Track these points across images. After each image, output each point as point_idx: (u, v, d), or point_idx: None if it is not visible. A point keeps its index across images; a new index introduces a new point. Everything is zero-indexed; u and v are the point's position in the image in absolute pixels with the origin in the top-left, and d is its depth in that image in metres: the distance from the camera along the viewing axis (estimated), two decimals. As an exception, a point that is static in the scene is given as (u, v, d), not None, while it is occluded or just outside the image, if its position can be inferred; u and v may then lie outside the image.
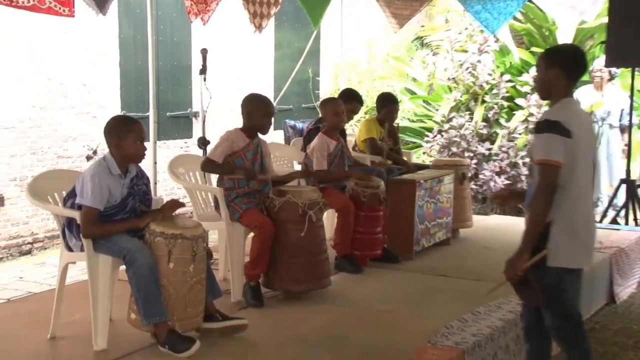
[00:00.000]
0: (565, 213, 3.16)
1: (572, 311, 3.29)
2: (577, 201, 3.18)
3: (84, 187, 3.62)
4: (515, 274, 3.16)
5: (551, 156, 3.11)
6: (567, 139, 3.10)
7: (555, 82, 3.25)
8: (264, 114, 4.54)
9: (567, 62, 3.26)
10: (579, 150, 3.14)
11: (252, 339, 3.84)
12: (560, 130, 3.10)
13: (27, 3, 4.57)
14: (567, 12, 6.73)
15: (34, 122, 7.43)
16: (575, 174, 3.15)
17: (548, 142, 3.13)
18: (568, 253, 3.19)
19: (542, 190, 3.13)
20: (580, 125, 3.19)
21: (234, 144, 4.49)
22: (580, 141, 3.14)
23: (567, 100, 3.26)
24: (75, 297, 4.14)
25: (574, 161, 3.13)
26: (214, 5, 6.03)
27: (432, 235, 5.69)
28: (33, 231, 7.49)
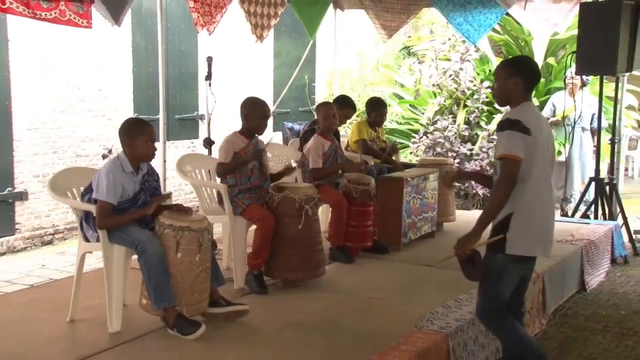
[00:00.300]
0: (523, 205, 3.19)
1: (500, 297, 3.30)
2: (534, 194, 3.20)
3: (99, 183, 3.60)
4: (464, 252, 3.25)
5: (512, 151, 3.12)
6: (526, 136, 3.13)
7: (515, 89, 3.28)
8: (260, 116, 4.52)
9: (527, 71, 3.31)
10: (537, 147, 3.16)
11: (253, 324, 3.83)
12: (520, 128, 3.13)
13: (49, 16, 4.55)
14: (542, 24, 6.73)
15: (55, 124, 7.40)
16: (533, 168, 3.17)
17: (509, 139, 3.14)
18: (524, 242, 3.22)
19: (503, 182, 3.16)
20: (539, 126, 3.22)
21: (235, 146, 4.47)
22: (538, 139, 3.17)
23: (526, 104, 3.30)
24: (92, 283, 4.12)
25: (532, 157, 3.15)
26: (218, 17, 6.00)
27: (418, 228, 5.67)
28: (54, 223, 7.46)
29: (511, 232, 3.21)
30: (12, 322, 3.86)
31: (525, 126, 3.14)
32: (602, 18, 6.11)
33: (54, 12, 4.55)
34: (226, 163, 4.45)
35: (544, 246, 3.32)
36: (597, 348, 4.38)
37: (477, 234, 3.23)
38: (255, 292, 4.32)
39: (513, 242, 3.22)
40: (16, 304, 4.23)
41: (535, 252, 3.30)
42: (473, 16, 7.04)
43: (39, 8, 4.45)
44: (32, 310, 4.05)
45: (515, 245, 3.22)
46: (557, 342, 4.49)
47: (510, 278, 3.30)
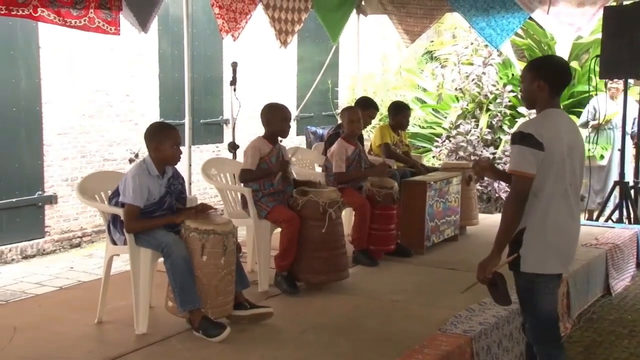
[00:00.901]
0: (536, 220, 3.02)
1: (543, 314, 3.11)
2: (548, 209, 3.01)
3: (126, 187, 3.63)
4: (485, 276, 3.07)
5: (521, 167, 2.96)
6: (538, 151, 2.94)
7: (539, 93, 3.09)
8: (282, 119, 4.53)
9: (551, 74, 3.11)
10: (552, 161, 2.97)
11: (277, 326, 3.82)
12: (531, 142, 2.94)
13: (79, 23, 4.60)
14: (565, 28, 6.63)
15: (83, 128, 7.48)
16: (546, 183, 2.99)
17: (519, 154, 2.98)
18: (538, 259, 3.03)
19: (512, 199, 3.00)
20: (557, 137, 3.00)
21: (260, 151, 4.48)
22: (554, 153, 2.97)
23: (549, 112, 3.09)
24: (119, 286, 4.15)
25: (546, 172, 2.97)
26: (243, 23, 6.02)
27: (441, 231, 5.63)
28: (82, 226, 7.53)
29: (524, 249, 3.05)
30: (42, 322, 3.90)
31: (538, 140, 2.94)
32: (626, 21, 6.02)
33: (83, 20, 4.61)
34: (252, 171, 4.44)
35: (561, 262, 3.09)
36: (623, 353, 4.30)
37: (495, 256, 3.05)
38: (287, 292, 4.30)
39: (526, 259, 3.05)
40: (46, 305, 4.28)
41: (550, 268, 3.07)
42: (496, 20, 6.98)
43: (69, 16, 4.51)
44: (61, 312, 4.10)
45: (529, 263, 3.05)
46: (582, 346, 4.41)
47: (544, 293, 3.09)
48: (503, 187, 8.10)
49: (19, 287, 5.86)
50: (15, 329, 3.74)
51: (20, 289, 5.77)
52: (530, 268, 3.05)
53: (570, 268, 3.23)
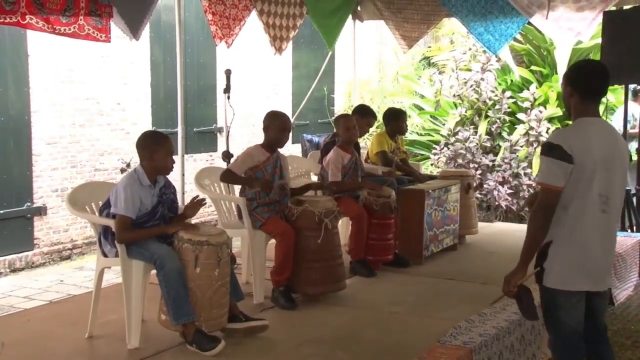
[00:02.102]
0: (562, 233, 2.98)
1: (565, 329, 3.06)
2: (577, 223, 2.96)
3: (117, 198, 3.63)
4: (509, 289, 3.04)
5: (548, 180, 2.93)
6: (567, 164, 2.89)
7: (571, 100, 3.05)
8: (279, 128, 4.53)
9: (579, 81, 3.02)
10: (583, 173, 2.90)
11: (273, 339, 3.82)
12: (560, 155, 2.89)
13: (68, 30, 4.61)
14: (564, 33, 6.66)
15: (73, 138, 7.48)
16: (576, 196, 2.94)
17: (547, 166, 2.95)
18: (561, 274, 2.99)
19: (539, 212, 2.96)
20: (589, 149, 2.91)
21: (254, 159, 4.48)
22: (585, 165, 2.89)
23: (582, 121, 3.01)
24: (111, 299, 4.14)
25: (575, 184, 2.91)
26: (237, 29, 6.04)
27: (440, 241, 5.63)
28: (72, 238, 7.52)
29: (548, 262, 3.00)
30: (31, 338, 3.89)
31: (567, 153, 2.87)
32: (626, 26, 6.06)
33: (73, 27, 4.61)
34: (234, 174, 4.45)
35: (588, 279, 3.01)
36: (627, 364, 4.31)
37: (521, 269, 3.00)
38: (285, 307, 4.29)
39: (549, 274, 3.01)
40: (35, 319, 4.26)
41: (575, 285, 2.99)
42: (494, 26, 7.01)
43: (58, 23, 4.51)
44: (51, 326, 4.08)
45: (551, 278, 3.00)
46: (584, 358, 4.41)
47: (566, 308, 3.02)
48: (503, 195, 8.12)
49: (7, 301, 5.84)
50: (3, 344, 3.71)
51: (9, 303, 5.75)
52: (552, 283, 3.01)
53: (603, 284, 3.09)
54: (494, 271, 5.16)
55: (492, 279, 4.94)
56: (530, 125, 8.36)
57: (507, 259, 5.52)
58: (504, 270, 3.09)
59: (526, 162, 8.29)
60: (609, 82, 3.09)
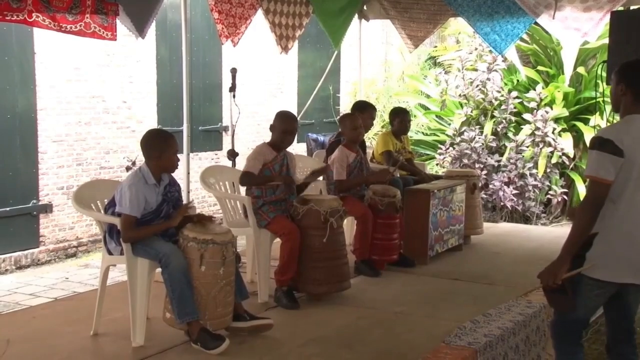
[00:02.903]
0: (610, 226, 3.01)
1: (572, 317, 3.13)
2: (626, 216, 3.00)
3: (122, 197, 3.63)
4: (555, 282, 3.01)
5: (599, 174, 2.96)
6: (618, 158, 2.93)
7: (622, 98, 3.08)
8: (284, 130, 4.54)
9: (633, 79, 3.07)
10: (632, 169, 2.95)
11: (278, 338, 3.82)
12: (610, 148, 2.93)
13: (74, 28, 4.62)
14: (571, 33, 6.64)
15: (79, 136, 7.50)
16: (626, 190, 2.97)
17: (597, 160, 2.97)
18: (603, 266, 3.01)
19: (588, 204, 3.00)
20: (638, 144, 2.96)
21: (264, 157, 4.48)
22: (634, 160, 2.94)
23: (632, 117, 3.05)
24: (116, 297, 4.15)
25: (626, 178, 2.96)
26: (243, 28, 6.04)
27: (445, 241, 5.62)
28: (78, 236, 7.54)
29: (592, 252, 3.02)
30: (36, 335, 3.90)
31: (618, 147, 2.92)
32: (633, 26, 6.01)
33: (79, 25, 4.62)
34: (253, 174, 4.45)
35: (633, 272, 3.03)
36: (632, 366, 4.28)
37: (565, 261, 3.01)
38: (287, 307, 4.29)
39: (592, 262, 3.02)
40: (40, 317, 4.27)
41: (617, 277, 3.03)
42: (500, 26, 6.99)
43: (65, 21, 4.53)
44: (56, 324, 4.09)
45: (593, 268, 3.02)
46: (590, 358, 4.40)
47: (585, 296, 3.07)
48: (508, 195, 8.10)
49: (12, 298, 5.86)
50: (8, 341, 3.74)
51: (14, 300, 5.77)
52: (595, 274, 3.03)
53: None
54: (500, 272, 5.18)
55: (497, 280, 4.94)
56: (536, 126, 8.33)
57: (513, 260, 5.56)
58: (509, 271, 3.09)
59: (532, 162, 8.27)
60: None
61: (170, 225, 3.70)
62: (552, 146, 8.28)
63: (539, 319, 4.20)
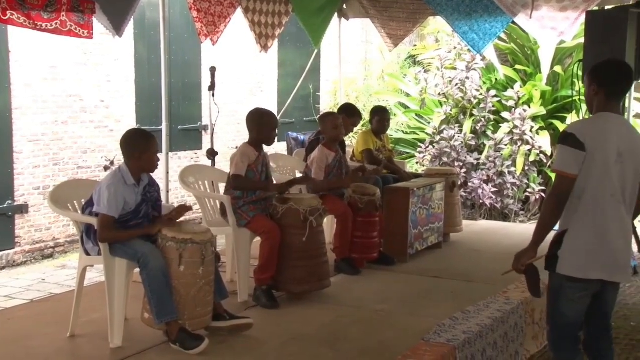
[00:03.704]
0: (577, 222, 3.05)
1: (562, 320, 3.16)
2: (591, 213, 3.03)
3: (100, 197, 3.60)
4: (518, 267, 3.18)
5: (561, 167, 3.04)
6: (579, 151, 2.97)
7: (595, 98, 3.13)
8: (270, 127, 4.53)
9: (604, 79, 3.12)
10: (595, 163, 2.98)
11: (258, 337, 3.81)
12: (572, 142, 2.99)
13: (50, 27, 4.56)
14: (548, 33, 6.70)
15: (56, 135, 7.42)
16: (589, 186, 3.00)
17: (561, 154, 3.06)
18: (575, 262, 3.06)
19: (552, 198, 3.08)
20: (604, 140, 3.00)
21: (249, 158, 4.46)
22: (597, 154, 2.97)
23: (601, 115, 3.10)
24: (93, 297, 4.12)
25: (588, 173, 2.99)
26: (222, 27, 6.02)
27: (424, 239, 5.65)
28: (55, 236, 7.46)
29: (563, 250, 3.08)
30: (12, 337, 3.84)
31: (579, 140, 2.97)
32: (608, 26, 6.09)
33: (54, 23, 4.57)
34: (245, 178, 4.41)
35: (603, 269, 3.06)
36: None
37: (531, 249, 3.12)
38: (267, 307, 4.28)
39: (563, 261, 3.07)
40: (16, 319, 4.21)
41: (589, 274, 3.05)
42: (478, 25, 7.03)
43: (40, 19, 4.47)
44: (32, 326, 4.04)
45: (566, 265, 3.07)
46: None
47: (569, 299, 3.11)
48: (487, 193, 8.16)
49: (-12, 300, 5.78)
50: (-16, 343, 3.69)
51: (-10, 302, 5.69)
52: (567, 270, 3.08)
53: (621, 276, 3.16)
54: (479, 269, 5.22)
55: (476, 277, 4.98)
56: (515, 124, 8.41)
57: (492, 257, 5.60)
58: (488, 268, 3.14)
59: (510, 160, 8.34)
60: (633, 82, 3.21)
61: (150, 232, 3.66)
62: (530, 144, 8.36)
63: (517, 316, 4.24)
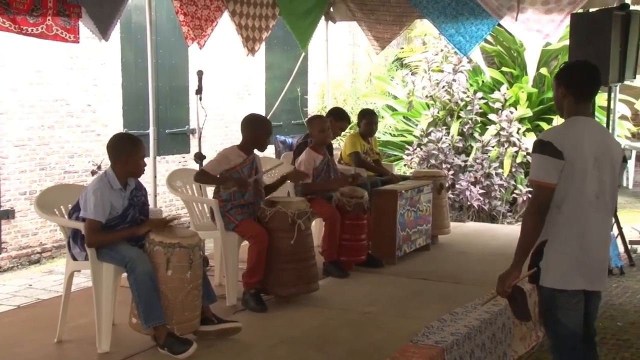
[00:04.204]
0: (557, 231, 2.95)
1: (564, 331, 3.02)
2: (572, 221, 2.94)
3: (87, 202, 3.59)
4: (504, 289, 2.99)
5: (540, 177, 2.93)
6: (558, 160, 2.89)
7: (563, 101, 3.05)
8: (265, 132, 4.57)
9: (572, 82, 3.04)
10: (574, 170, 2.90)
11: (246, 340, 3.81)
12: (550, 151, 2.89)
13: (36, 31, 4.54)
14: (533, 35, 6.76)
15: (42, 140, 7.38)
16: (569, 194, 2.92)
17: (539, 163, 2.95)
18: (558, 273, 2.95)
19: (533, 209, 2.96)
20: (580, 146, 2.92)
21: (230, 161, 4.47)
22: (576, 161, 2.90)
23: (574, 119, 3.02)
24: (81, 303, 4.09)
25: (568, 182, 2.91)
26: (209, 30, 6.02)
27: (412, 241, 5.67)
28: (41, 241, 7.41)
29: (544, 262, 2.97)
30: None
31: (557, 149, 2.88)
32: (593, 29, 6.15)
33: (40, 27, 4.55)
34: (209, 174, 4.44)
35: (585, 278, 2.96)
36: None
37: (515, 269, 2.97)
38: (255, 310, 4.28)
39: (546, 274, 2.97)
40: (3, 325, 4.18)
41: (573, 284, 2.95)
42: (465, 27, 7.08)
43: (26, 23, 4.45)
44: (19, 332, 4.02)
45: (549, 277, 2.97)
46: (555, 355, 4.47)
47: (565, 308, 2.99)
48: (475, 195, 8.20)
49: (-26, 306, 5.73)
50: (-30, 350, 3.67)
51: (-24, 309, 5.65)
52: (550, 283, 2.97)
53: (601, 284, 3.06)
54: (467, 271, 5.24)
55: (464, 279, 5.00)
56: (501, 126, 8.46)
57: (479, 259, 5.63)
58: (476, 270, 3.11)
59: (497, 162, 8.39)
60: (601, 82, 3.13)
61: (136, 233, 3.66)
62: (516, 146, 8.41)
63: (504, 317, 4.26)
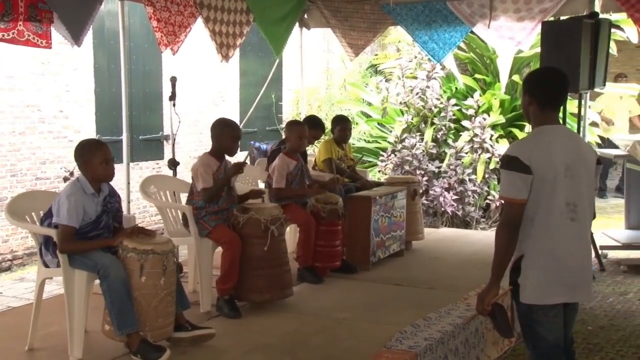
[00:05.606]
0: (532, 246, 2.90)
1: (544, 344, 2.96)
2: (546, 234, 2.88)
3: (60, 207, 3.57)
4: (484, 307, 2.95)
5: (509, 193, 2.88)
6: (526, 175, 2.83)
7: (529, 109, 3.00)
8: (232, 137, 4.54)
9: (533, 88, 2.99)
10: (543, 184, 2.84)
11: (220, 347, 3.81)
12: (517, 167, 2.84)
13: (7, 36, 4.51)
14: (505, 42, 6.87)
15: (13, 146, 7.30)
16: (540, 207, 2.87)
17: (507, 179, 2.90)
18: (536, 288, 2.90)
19: (504, 226, 2.91)
20: (548, 157, 2.86)
21: (212, 166, 4.47)
22: (544, 174, 2.84)
23: (541, 129, 2.96)
24: (52, 310, 4.07)
25: (538, 195, 2.85)
26: (183, 36, 6.01)
27: (387, 247, 5.71)
28: (12, 249, 7.32)
29: (522, 278, 2.92)
30: (-32, 352, 3.78)
31: (524, 164, 2.83)
32: (563, 36, 6.27)
33: (12, 33, 4.51)
34: (210, 187, 4.42)
35: (564, 291, 2.91)
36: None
37: (493, 286, 2.93)
38: (229, 316, 4.28)
39: (524, 289, 2.91)
40: (-28, 333, 4.14)
41: (552, 298, 2.90)
42: (438, 34, 7.17)
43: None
44: (-10, 340, 3.97)
45: (527, 293, 2.90)
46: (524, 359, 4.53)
47: (544, 322, 2.93)
48: (449, 201, 8.28)
49: (-58, 315, 5.63)
50: (-62, 359, 3.62)
51: (-55, 318, 5.55)
52: (528, 299, 2.92)
53: (582, 296, 3.02)
54: (440, 276, 5.30)
55: (438, 284, 5.05)
56: (475, 132, 8.56)
57: (453, 264, 5.70)
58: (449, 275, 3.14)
59: (471, 168, 8.49)
60: (568, 89, 3.08)
61: (111, 244, 3.64)
62: (490, 152, 8.51)
63: (477, 322, 4.31)
